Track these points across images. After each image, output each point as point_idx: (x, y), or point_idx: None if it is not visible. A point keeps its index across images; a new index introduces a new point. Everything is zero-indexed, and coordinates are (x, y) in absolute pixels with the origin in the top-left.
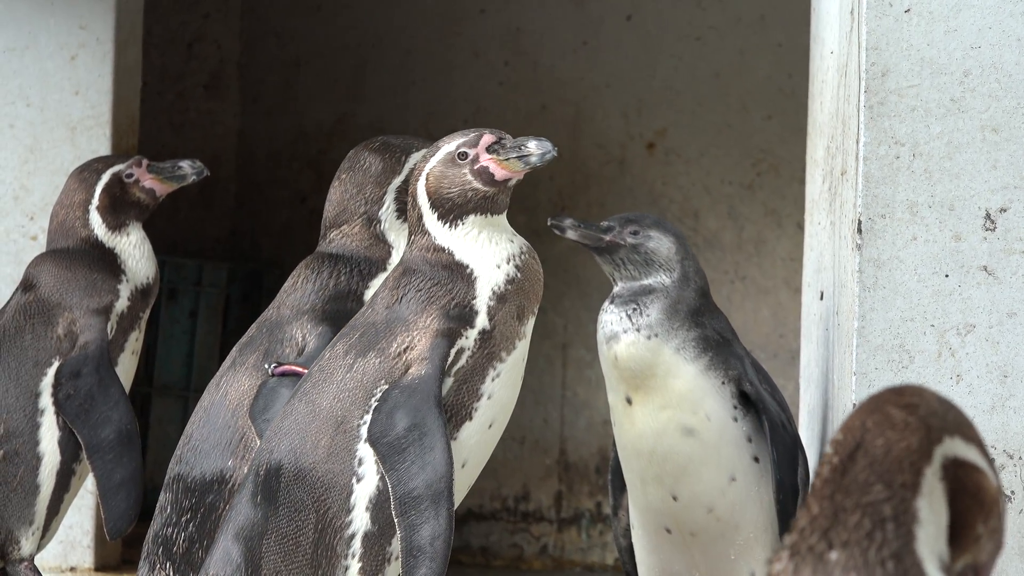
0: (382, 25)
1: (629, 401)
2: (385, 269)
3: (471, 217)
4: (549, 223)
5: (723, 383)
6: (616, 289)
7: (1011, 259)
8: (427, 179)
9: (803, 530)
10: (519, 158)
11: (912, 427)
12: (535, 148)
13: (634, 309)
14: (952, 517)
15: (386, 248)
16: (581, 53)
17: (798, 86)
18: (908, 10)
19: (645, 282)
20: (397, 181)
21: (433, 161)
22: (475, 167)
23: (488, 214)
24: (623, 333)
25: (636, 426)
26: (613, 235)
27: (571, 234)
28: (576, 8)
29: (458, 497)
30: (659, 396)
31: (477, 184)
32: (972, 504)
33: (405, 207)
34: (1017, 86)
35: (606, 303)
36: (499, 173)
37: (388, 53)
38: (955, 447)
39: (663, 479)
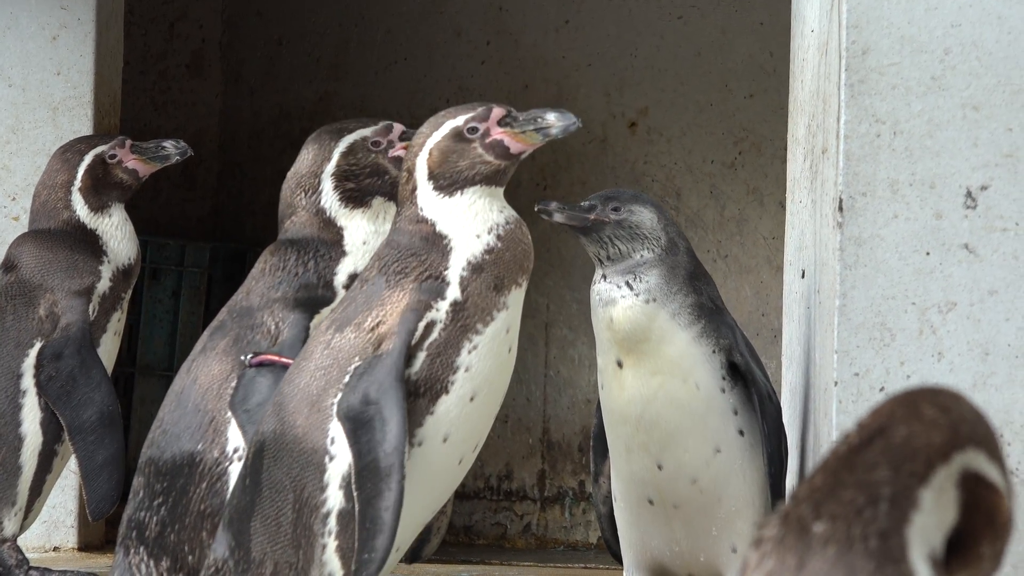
0: (364, 4)
1: (620, 364)
2: (345, 252)
3: (473, 188)
4: (536, 209)
5: (714, 351)
6: (605, 270)
7: (992, 237)
8: (430, 153)
9: (799, 499)
10: (537, 130)
11: (939, 426)
12: (555, 120)
13: (633, 277)
14: (960, 529)
15: (338, 231)
16: (563, 32)
17: (779, 65)
18: None
19: (634, 257)
20: (329, 168)
21: (437, 135)
22: (486, 141)
23: (492, 186)
24: (621, 298)
25: (625, 391)
26: (596, 213)
27: (558, 217)
28: None
29: (442, 468)
30: (651, 361)
31: (489, 157)
32: (984, 523)
33: (347, 193)
34: (997, 64)
35: (597, 279)
36: (514, 146)
37: (370, 31)
38: (979, 460)
39: (649, 447)
